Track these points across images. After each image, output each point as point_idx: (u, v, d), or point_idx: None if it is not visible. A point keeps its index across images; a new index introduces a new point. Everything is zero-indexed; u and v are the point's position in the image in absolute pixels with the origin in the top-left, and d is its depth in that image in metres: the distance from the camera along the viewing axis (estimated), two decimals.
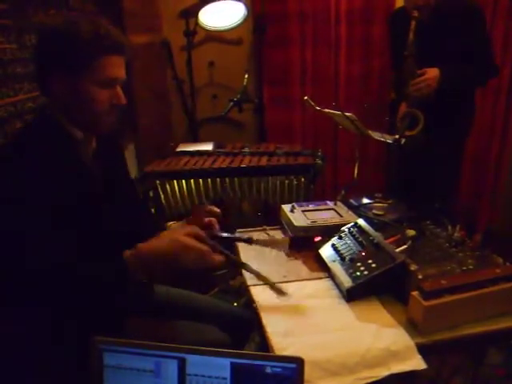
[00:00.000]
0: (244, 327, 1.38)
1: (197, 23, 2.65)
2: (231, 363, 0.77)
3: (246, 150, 2.34)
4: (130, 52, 1.10)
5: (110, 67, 1.05)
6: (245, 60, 2.87)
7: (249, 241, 1.18)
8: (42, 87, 1.10)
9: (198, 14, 2.61)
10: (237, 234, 1.25)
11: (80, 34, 1.00)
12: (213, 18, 2.65)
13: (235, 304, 2.06)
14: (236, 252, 1.43)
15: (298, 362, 0.75)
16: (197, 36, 2.73)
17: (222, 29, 2.70)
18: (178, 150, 2.42)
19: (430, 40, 2.03)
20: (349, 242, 1.29)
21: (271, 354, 0.94)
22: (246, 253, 1.42)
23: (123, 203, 1.25)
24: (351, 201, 1.62)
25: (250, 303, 1.22)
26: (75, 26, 1.01)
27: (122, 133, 2.00)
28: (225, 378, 0.77)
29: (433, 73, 1.99)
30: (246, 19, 2.67)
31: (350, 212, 1.50)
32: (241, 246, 1.46)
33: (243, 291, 1.33)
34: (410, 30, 1.99)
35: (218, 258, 1.03)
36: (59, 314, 0.95)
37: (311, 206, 1.55)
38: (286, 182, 2.14)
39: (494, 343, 1.14)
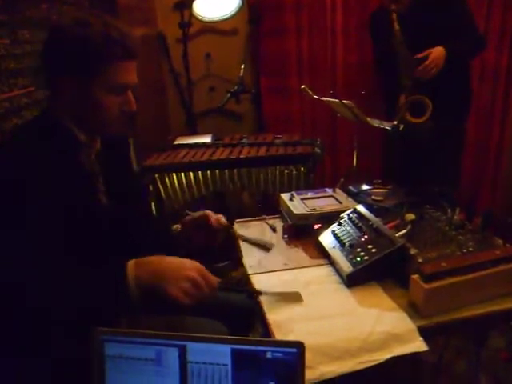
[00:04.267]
0: (246, 317, 1.38)
1: (191, 15, 2.63)
2: (232, 349, 0.76)
3: (245, 141, 2.33)
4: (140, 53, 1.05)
5: (122, 73, 1.01)
6: (241, 51, 2.85)
7: (258, 293, 1.12)
8: (50, 87, 1.06)
9: (192, 5, 2.59)
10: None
11: (91, 38, 0.96)
12: (207, 8, 2.63)
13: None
14: (238, 248, 1.43)
15: (299, 346, 0.74)
16: (192, 28, 2.71)
17: (216, 19, 2.68)
18: (176, 143, 2.41)
19: (414, 29, 2.05)
20: (348, 228, 1.29)
21: (271, 339, 0.94)
22: (246, 247, 1.42)
23: (127, 205, 1.22)
24: (350, 187, 1.62)
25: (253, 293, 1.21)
26: (86, 29, 0.96)
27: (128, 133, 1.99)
28: (225, 365, 0.77)
29: (437, 52, 2.00)
30: (240, 9, 2.65)
31: (349, 199, 1.50)
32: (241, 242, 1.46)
33: (245, 282, 1.33)
34: (392, 22, 2.03)
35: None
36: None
37: (310, 194, 1.55)
38: (286, 171, 2.13)
39: (495, 325, 1.14)
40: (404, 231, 1.22)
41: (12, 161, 0.97)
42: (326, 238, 1.30)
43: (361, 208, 1.34)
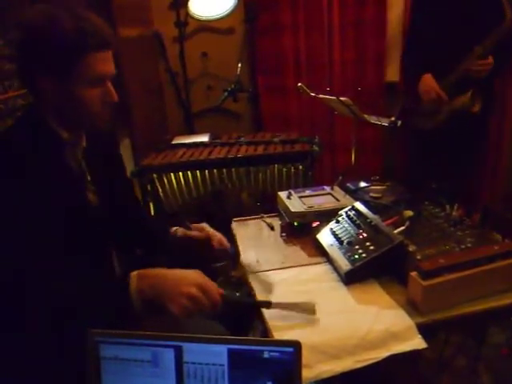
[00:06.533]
0: (245, 315, 1.37)
1: (187, 14, 2.62)
2: (228, 350, 0.76)
3: (243, 139, 2.33)
4: (116, 43, 1.04)
5: (99, 64, 0.99)
6: (237, 49, 2.84)
7: (267, 304, 1.04)
8: (27, 86, 1.05)
9: (188, 3, 2.58)
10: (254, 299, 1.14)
11: (63, 32, 0.94)
12: (203, 7, 2.62)
13: (237, 294, 2.05)
14: (234, 242, 1.42)
15: (296, 345, 0.74)
16: (188, 27, 2.70)
17: (212, 18, 2.66)
18: (174, 142, 2.40)
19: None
20: (346, 225, 1.28)
21: (268, 338, 0.93)
22: (243, 241, 1.41)
23: (115, 203, 1.22)
24: (348, 185, 1.61)
25: (250, 292, 1.21)
26: (57, 23, 0.95)
27: (116, 129, 1.98)
28: (222, 365, 0.76)
29: (492, 59, 1.98)
30: (236, 7, 2.64)
31: (347, 196, 1.49)
32: (238, 236, 1.45)
33: (244, 281, 1.33)
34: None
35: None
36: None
37: (308, 192, 1.54)
38: (284, 170, 2.13)
39: (494, 321, 1.13)
40: (402, 228, 1.21)
41: None
42: (324, 236, 1.29)
43: (359, 205, 1.33)
